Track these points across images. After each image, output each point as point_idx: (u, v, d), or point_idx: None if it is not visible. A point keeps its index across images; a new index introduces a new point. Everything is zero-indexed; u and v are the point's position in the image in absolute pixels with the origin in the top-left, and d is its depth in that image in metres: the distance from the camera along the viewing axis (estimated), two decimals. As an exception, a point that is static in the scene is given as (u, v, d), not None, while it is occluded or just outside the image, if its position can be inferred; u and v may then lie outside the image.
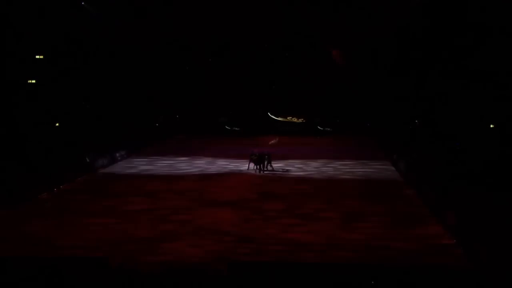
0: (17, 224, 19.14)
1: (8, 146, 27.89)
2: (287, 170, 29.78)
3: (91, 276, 12.62)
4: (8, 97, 33.45)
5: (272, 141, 28.57)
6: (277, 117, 51.22)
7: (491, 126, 37.68)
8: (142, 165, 31.78)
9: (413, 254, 15.85)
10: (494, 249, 14.43)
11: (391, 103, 44.34)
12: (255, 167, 28.87)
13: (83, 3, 39.70)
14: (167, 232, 18.04)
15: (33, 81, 38.41)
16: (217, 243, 16.83)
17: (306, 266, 13.33)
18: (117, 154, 33.73)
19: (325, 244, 16.73)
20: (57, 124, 39.30)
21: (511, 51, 30.51)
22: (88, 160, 29.76)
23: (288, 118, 51.19)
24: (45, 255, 15.52)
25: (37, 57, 38.34)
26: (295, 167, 30.67)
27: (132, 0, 41.04)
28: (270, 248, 16.39)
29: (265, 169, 28.84)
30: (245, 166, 29.76)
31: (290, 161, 32.96)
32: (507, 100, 31.72)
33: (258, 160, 28.93)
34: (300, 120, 51.01)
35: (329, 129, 48.98)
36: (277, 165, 30.10)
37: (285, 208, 21.28)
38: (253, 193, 24.12)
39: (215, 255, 15.63)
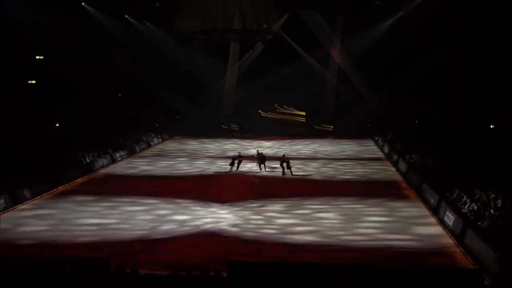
0: (17, 224, 19.16)
1: (8, 146, 27.89)
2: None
3: (91, 276, 12.61)
4: (8, 97, 33.46)
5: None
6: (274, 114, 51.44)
7: (491, 126, 37.74)
8: (142, 166, 31.77)
9: (413, 254, 15.87)
10: (494, 249, 14.46)
11: (391, 103, 44.32)
12: (259, 167, 28.97)
13: (83, 3, 39.74)
14: (167, 232, 18.06)
15: (33, 82, 38.45)
16: (217, 243, 16.84)
17: (306, 266, 13.32)
18: (117, 155, 33.70)
19: (325, 244, 16.75)
20: (57, 125, 39.33)
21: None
22: (88, 160, 29.73)
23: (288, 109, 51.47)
24: (45, 255, 15.52)
25: (37, 57, 38.38)
26: (295, 167, 30.61)
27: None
28: (270, 248, 16.40)
29: (285, 172, 28.31)
30: (246, 166, 29.71)
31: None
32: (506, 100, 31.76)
33: (261, 160, 29.10)
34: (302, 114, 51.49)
35: (330, 127, 49.02)
36: (277, 165, 30.01)
37: (285, 208, 21.29)
38: (253, 193, 24.12)
39: (215, 255, 15.63)
